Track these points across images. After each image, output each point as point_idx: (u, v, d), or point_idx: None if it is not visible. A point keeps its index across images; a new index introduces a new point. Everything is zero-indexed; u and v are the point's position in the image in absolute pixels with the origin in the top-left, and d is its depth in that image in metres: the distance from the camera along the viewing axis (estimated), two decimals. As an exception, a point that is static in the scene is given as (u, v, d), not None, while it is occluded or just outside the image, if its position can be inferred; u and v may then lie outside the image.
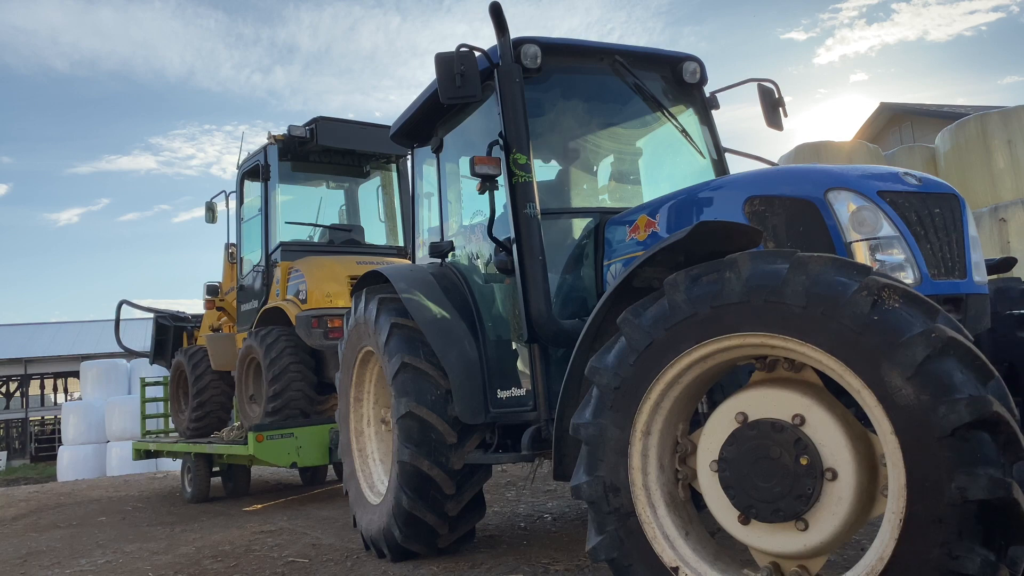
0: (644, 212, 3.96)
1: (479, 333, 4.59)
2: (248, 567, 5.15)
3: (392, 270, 5.05)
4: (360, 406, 5.43)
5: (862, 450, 2.45)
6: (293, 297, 8.05)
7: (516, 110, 4.04)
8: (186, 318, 11.31)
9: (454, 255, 5.01)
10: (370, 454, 5.38)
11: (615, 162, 5.07)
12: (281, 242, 8.48)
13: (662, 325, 2.72)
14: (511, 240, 4.10)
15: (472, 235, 4.83)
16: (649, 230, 3.88)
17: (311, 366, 8.00)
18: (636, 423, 2.81)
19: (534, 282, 3.89)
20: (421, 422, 4.43)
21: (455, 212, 5.22)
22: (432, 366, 4.49)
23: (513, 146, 4.01)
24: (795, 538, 2.52)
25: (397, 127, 5.52)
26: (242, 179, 9.31)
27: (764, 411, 2.60)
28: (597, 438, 2.86)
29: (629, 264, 3.88)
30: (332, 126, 8.62)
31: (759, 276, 2.51)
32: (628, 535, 2.81)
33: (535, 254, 3.91)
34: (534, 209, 3.95)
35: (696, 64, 4.81)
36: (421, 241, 5.72)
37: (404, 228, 9.13)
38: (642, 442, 2.82)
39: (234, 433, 8.66)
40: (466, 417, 4.40)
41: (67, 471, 18.14)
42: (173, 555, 5.80)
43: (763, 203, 3.35)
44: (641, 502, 2.82)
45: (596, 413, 2.86)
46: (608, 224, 4.23)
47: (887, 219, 3.10)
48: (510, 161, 4.00)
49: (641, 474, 2.83)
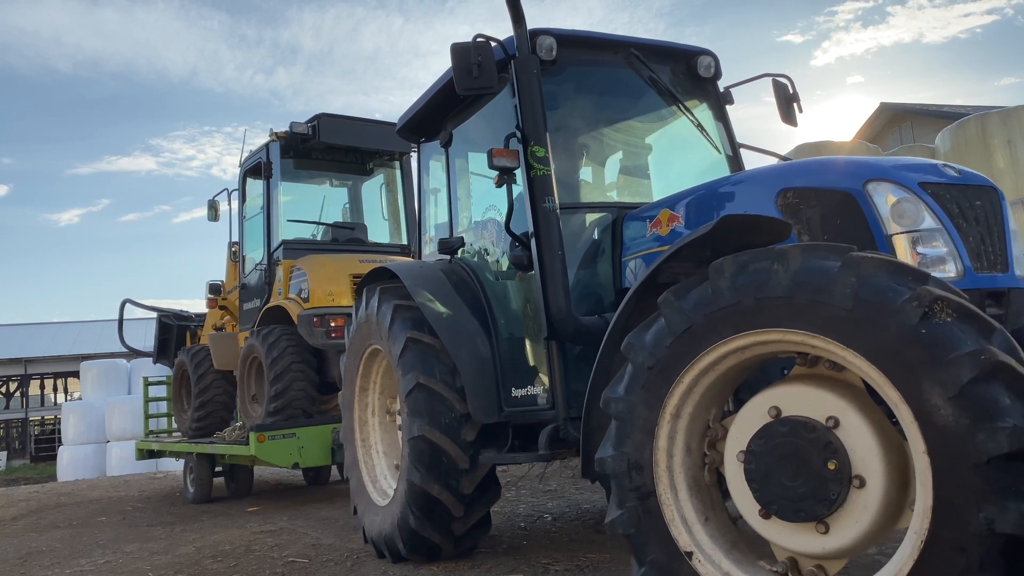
0: (666, 206, 3.88)
1: (491, 330, 4.49)
2: (248, 567, 5.14)
3: (401, 266, 4.92)
4: (365, 395, 5.31)
5: (895, 461, 2.36)
6: (295, 296, 7.96)
7: (534, 102, 3.95)
8: (189, 317, 11.20)
9: (464, 251, 4.93)
10: (373, 444, 5.26)
11: (629, 156, 5.01)
12: (283, 240, 8.41)
13: (702, 310, 2.63)
14: (529, 235, 4.01)
15: (484, 231, 4.75)
16: (672, 224, 3.81)
17: (313, 365, 7.90)
18: (666, 405, 2.76)
19: (553, 278, 3.81)
20: (433, 446, 4.30)
21: (464, 208, 5.13)
22: (447, 387, 4.35)
23: (531, 139, 3.92)
24: (814, 539, 2.47)
25: (404, 121, 5.44)
26: (244, 177, 9.23)
27: (798, 408, 2.52)
28: (626, 415, 2.81)
29: (651, 259, 3.83)
30: (334, 123, 8.53)
31: (807, 272, 2.41)
32: (646, 514, 2.78)
33: (554, 249, 3.83)
34: (553, 203, 3.86)
35: (711, 58, 4.75)
36: (428, 238, 5.60)
37: (408, 226, 9.08)
38: (670, 424, 2.77)
39: (236, 433, 8.57)
40: (479, 416, 4.30)
41: (67, 471, 18.11)
42: (173, 555, 5.78)
43: (797, 195, 3.26)
44: (663, 483, 2.78)
45: (628, 390, 2.81)
46: (626, 219, 4.16)
47: (928, 211, 3.00)
48: (528, 154, 3.92)
49: (666, 455, 2.78)
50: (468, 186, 5.16)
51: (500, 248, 4.57)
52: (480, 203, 5.02)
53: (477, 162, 5.19)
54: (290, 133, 8.46)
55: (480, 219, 4.87)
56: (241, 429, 8.53)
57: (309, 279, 7.83)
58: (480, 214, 4.93)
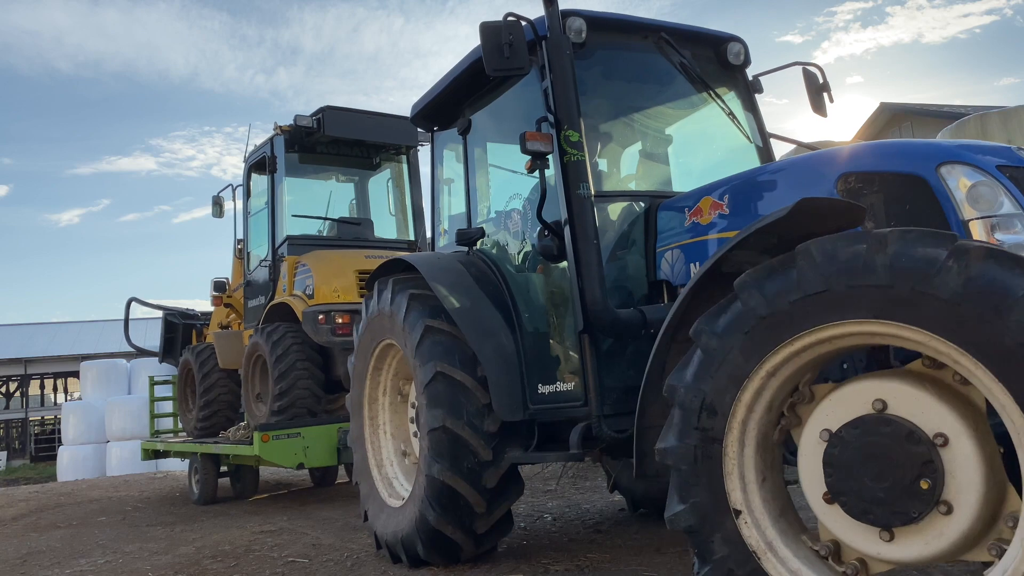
0: (708, 194, 3.71)
1: (515, 324, 4.31)
2: (248, 567, 5.14)
3: (418, 258, 4.75)
4: (376, 395, 5.11)
5: (992, 498, 2.21)
6: (300, 292, 7.84)
7: (567, 84, 3.76)
8: (195, 316, 11.08)
9: (483, 242, 4.78)
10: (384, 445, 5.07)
11: (655, 144, 4.84)
12: (288, 236, 8.26)
13: (786, 297, 2.44)
14: (562, 223, 3.86)
15: (508, 220, 4.58)
16: (715, 213, 3.63)
17: (318, 363, 7.77)
18: (743, 392, 2.58)
19: (588, 268, 3.63)
20: (454, 437, 4.11)
21: (483, 197, 4.96)
22: (469, 377, 4.17)
23: (564, 123, 3.73)
24: (874, 542, 2.35)
25: (419, 108, 5.27)
26: (249, 172, 9.10)
27: (907, 410, 2.32)
28: (718, 351, 2.61)
29: (690, 250, 3.72)
30: (340, 116, 8.39)
31: (909, 259, 2.21)
32: (705, 458, 2.64)
33: (589, 238, 3.65)
34: (587, 190, 3.69)
35: (740, 45, 4.61)
36: (442, 229, 5.39)
37: (415, 222, 8.97)
38: (762, 381, 2.58)
39: (240, 433, 8.47)
40: (504, 414, 4.12)
41: (67, 471, 18.10)
42: (173, 555, 5.77)
43: (860, 180, 3.08)
44: (733, 435, 2.62)
45: (697, 377, 2.64)
46: (661, 208, 4.00)
47: (1007, 195, 2.83)
48: (561, 139, 3.74)
49: (746, 409, 2.61)
50: (487, 175, 5.00)
51: (525, 238, 4.40)
52: (500, 192, 4.88)
53: (497, 150, 5.08)
54: (294, 126, 8.32)
55: (503, 208, 4.68)
56: (246, 429, 8.44)
57: (314, 275, 7.71)
58: (502, 203, 4.75)
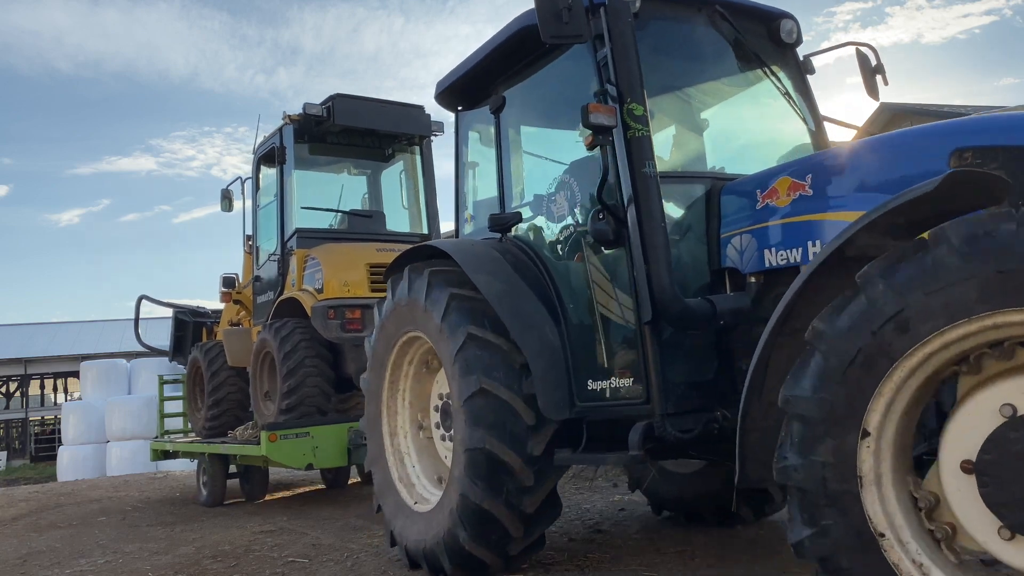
0: (784, 174, 3.46)
1: (560, 316, 4.02)
2: (248, 567, 5.14)
3: (453, 245, 4.42)
4: (396, 385, 4.81)
5: None
6: (309, 287, 7.59)
7: (629, 54, 3.48)
8: (206, 313, 10.84)
9: (519, 229, 4.48)
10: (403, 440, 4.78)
11: (709, 123, 4.60)
12: (297, 228, 8.00)
13: (921, 288, 2.19)
14: (621, 205, 3.57)
15: (551, 204, 4.25)
16: (794, 194, 3.37)
17: (328, 360, 7.54)
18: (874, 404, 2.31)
19: (656, 252, 3.35)
20: (494, 400, 3.83)
21: (518, 180, 4.66)
22: (513, 393, 3.87)
23: (627, 95, 3.45)
24: (991, 535, 2.15)
25: (444, 86, 4.94)
26: (258, 164, 8.81)
27: None
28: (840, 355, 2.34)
29: (762, 234, 3.47)
30: (350, 104, 8.09)
31: None
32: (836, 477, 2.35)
33: (656, 220, 3.38)
34: (653, 167, 3.43)
35: (793, 23, 4.37)
36: (468, 215, 5.06)
37: (428, 215, 8.71)
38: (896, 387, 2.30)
39: (248, 432, 8.21)
40: (549, 411, 3.83)
41: (67, 471, 18.07)
42: (173, 555, 5.78)
43: (978, 155, 2.81)
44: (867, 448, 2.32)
45: (818, 387, 2.38)
46: (725, 190, 3.75)
47: None
48: (624, 113, 3.47)
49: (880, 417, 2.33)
50: (521, 156, 4.71)
51: (572, 222, 4.07)
52: (537, 174, 4.59)
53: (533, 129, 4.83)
54: (304, 115, 8.04)
55: (544, 191, 4.32)
56: (254, 428, 8.23)
57: (324, 269, 7.46)
58: (541, 186, 4.42)
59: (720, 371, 3.64)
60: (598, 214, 3.62)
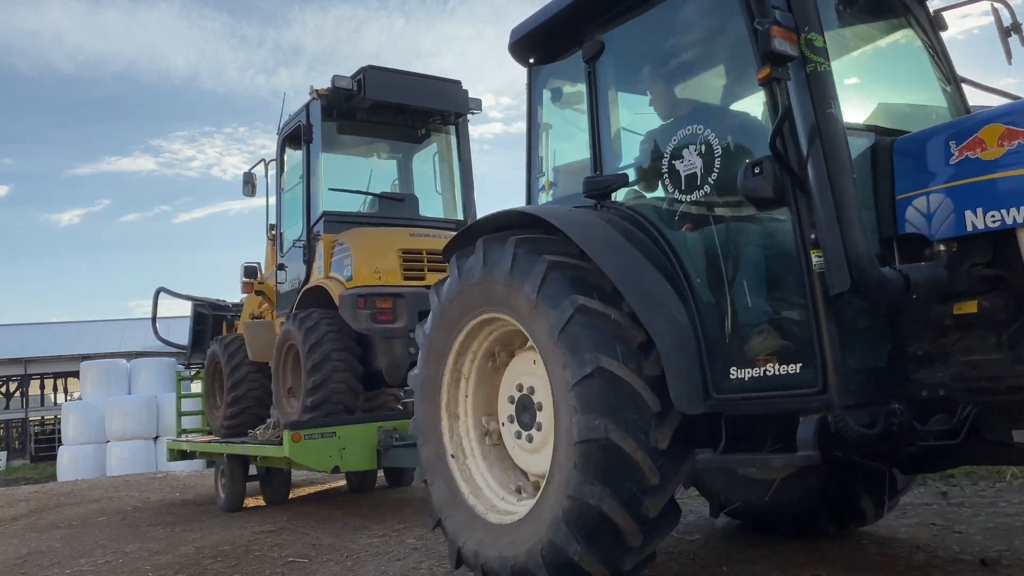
0: (995, 121, 2.93)
1: (687, 293, 3.41)
2: (248, 567, 5.15)
3: (548, 209, 3.80)
4: (458, 379, 4.17)
5: None
6: (337, 275, 7.05)
7: None
8: (227, 306, 10.27)
9: (621, 194, 3.89)
10: (468, 442, 4.15)
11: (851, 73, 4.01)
12: (324, 212, 7.38)
13: None
14: (796, 154, 2.99)
15: (675, 162, 3.56)
16: (1010, 143, 2.84)
17: (357, 354, 6.96)
18: None
19: (849, 210, 2.85)
20: (614, 382, 3.20)
21: (617, 139, 4.07)
22: (635, 374, 3.26)
23: (803, 24, 2.96)
24: None
25: (522, 34, 4.37)
26: (282, 145, 8.18)
27: None
28: None
29: (960, 193, 2.97)
30: (383, 77, 7.45)
31: None
32: None
33: (847, 170, 2.87)
34: (838, 108, 2.95)
35: None
36: (545, 182, 4.48)
37: (464, 199, 8.04)
38: None
39: (270, 432, 7.66)
40: (682, 404, 3.21)
41: (67, 471, 18.10)
42: (173, 555, 5.79)
43: None
44: None
45: None
46: (900, 145, 3.22)
47: None
48: (801, 44, 2.97)
49: None
50: (618, 110, 4.12)
51: (703, 183, 3.43)
52: (645, 129, 3.94)
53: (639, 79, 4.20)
54: (332, 89, 7.37)
55: (665, 147, 3.64)
56: (275, 427, 7.68)
57: (353, 255, 6.92)
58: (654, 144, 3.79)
59: (893, 357, 3.15)
60: (751, 168, 3.04)
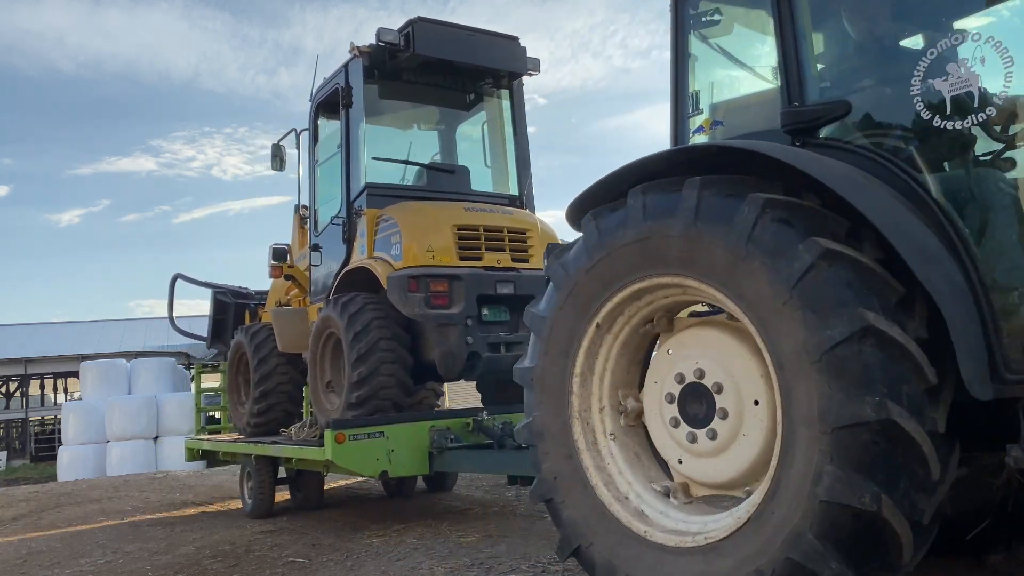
0: None
1: (961, 248, 2.72)
2: (248, 567, 5.15)
3: (777, 148, 2.95)
4: (592, 371, 3.45)
5: None
6: (383, 254, 6.33)
7: None
8: (249, 294, 9.48)
9: (839, 127, 3.11)
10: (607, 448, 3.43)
11: None
12: (367, 184, 6.57)
13: None
14: None
15: (936, 79, 2.81)
16: None
17: (406, 343, 6.17)
18: None
19: None
20: (886, 344, 2.47)
21: (826, 59, 3.41)
22: (905, 335, 2.55)
23: None
24: None
25: None
26: (316, 113, 7.38)
27: None
28: None
29: None
30: (434, 31, 6.60)
31: None
32: None
33: None
34: None
35: None
36: (705, 122, 3.72)
37: (519, 172, 7.25)
38: None
39: (307, 431, 6.99)
40: (975, 387, 2.51)
41: (67, 471, 18.11)
42: (173, 555, 5.79)
43: None
44: None
45: None
46: None
47: None
48: None
49: None
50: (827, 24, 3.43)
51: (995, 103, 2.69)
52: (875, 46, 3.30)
53: None
54: (376, 45, 6.55)
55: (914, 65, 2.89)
56: (312, 427, 6.99)
57: (402, 232, 6.19)
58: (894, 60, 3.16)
59: None
60: None
